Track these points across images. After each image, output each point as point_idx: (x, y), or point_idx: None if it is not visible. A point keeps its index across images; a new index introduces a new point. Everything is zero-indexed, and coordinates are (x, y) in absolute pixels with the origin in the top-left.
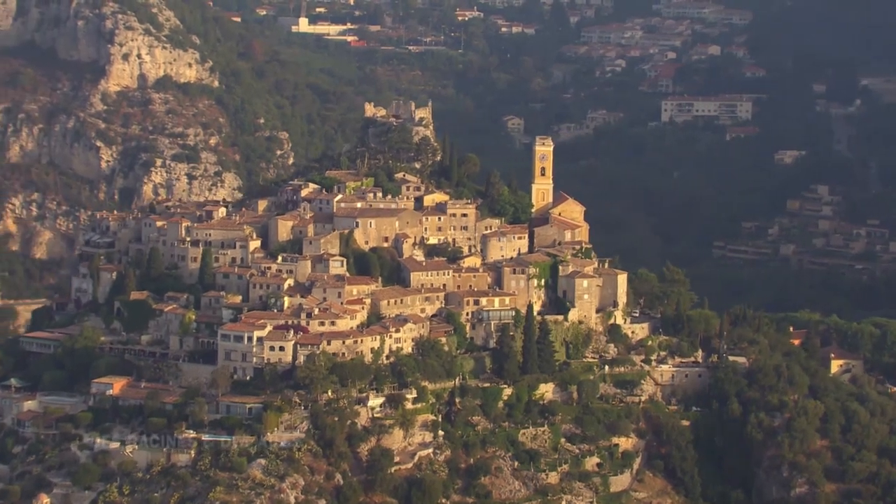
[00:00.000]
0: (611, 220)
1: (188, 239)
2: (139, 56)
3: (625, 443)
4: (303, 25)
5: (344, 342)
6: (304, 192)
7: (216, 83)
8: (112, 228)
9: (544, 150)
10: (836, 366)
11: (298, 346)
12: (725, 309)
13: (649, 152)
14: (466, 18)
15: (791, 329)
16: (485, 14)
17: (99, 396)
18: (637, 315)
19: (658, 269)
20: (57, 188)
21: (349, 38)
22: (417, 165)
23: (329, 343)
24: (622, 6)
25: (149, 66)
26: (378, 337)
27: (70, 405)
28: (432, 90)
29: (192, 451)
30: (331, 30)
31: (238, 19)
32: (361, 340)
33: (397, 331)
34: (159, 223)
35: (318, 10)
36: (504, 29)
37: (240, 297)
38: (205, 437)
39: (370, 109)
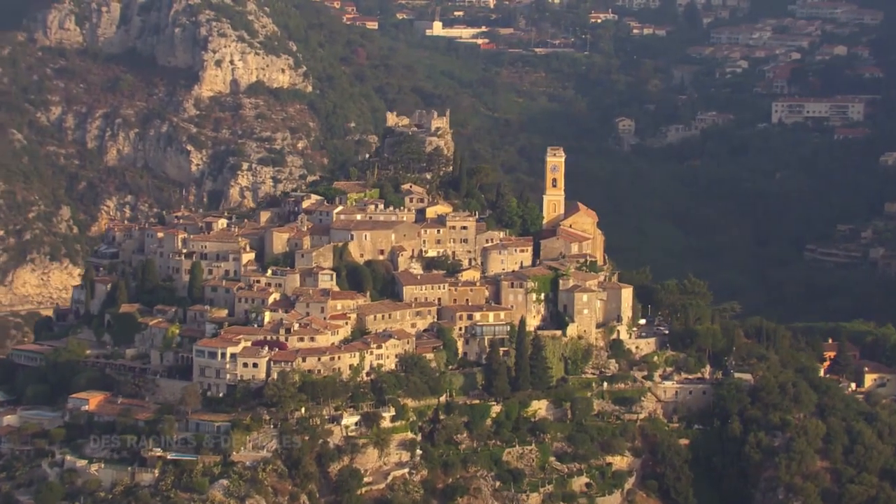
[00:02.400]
0: (702, 221)
1: (184, 251)
2: (232, 62)
3: (619, 462)
4: (436, 29)
5: (319, 359)
6: (305, 204)
7: (309, 88)
8: (118, 239)
9: (556, 161)
10: (869, 380)
11: (272, 362)
12: (807, 313)
13: (754, 154)
14: (600, 21)
15: (830, 341)
16: (619, 16)
17: (75, 412)
18: (651, 327)
19: (745, 272)
20: (149, 191)
21: (479, 41)
22: (428, 176)
23: (304, 360)
24: (757, 6)
25: (241, 72)
26: (357, 353)
27: (48, 420)
28: (553, 91)
29: (156, 471)
30: (463, 33)
31: (375, 25)
32: (339, 357)
33: (379, 347)
34: (160, 234)
35: (455, 13)
36: (636, 31)
37: (226, 311)
38: (170, 456)
39: (392, 119)
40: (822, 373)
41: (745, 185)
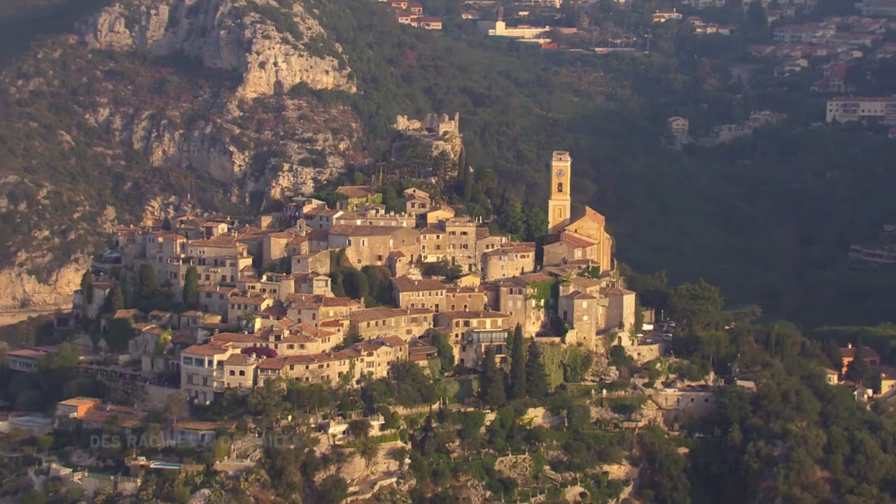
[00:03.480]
0: (747, 221)
1: (182, 256)
2: (275, 64)
3: (616, 470)
4: (499, 29)
5: (307, 366)
6: (306, 209)
7: (353, 89)
8: (121, 244)
9: (561, 165)
10: (886, 386)
11: (259, 370)
12: (843, 316)
13: (805, 153)
14: (663, 20)
15: (850, 347)
16: (684, 15)
17: (63, 419)
18: (659, 333)
19: (786, 273)
20: (192, 191)
21: (541, 41)
22: (433, 180)
23: (292, 367)
24: (824, 4)
25: (284, 74)
26: (347, 361)
27: (38, 427)
28: (610, 91)
29: (139, 480)
30: (526, 33)
31: (438, 25)
32: (328, 365)
33: (370, 354)
34: (160, 239)
35: (520, 13)
36: (699, 30)
37: (219, 318)
38: (153, 465)
39: (403, 122)
40: (836, 379)
41: (792, 185)
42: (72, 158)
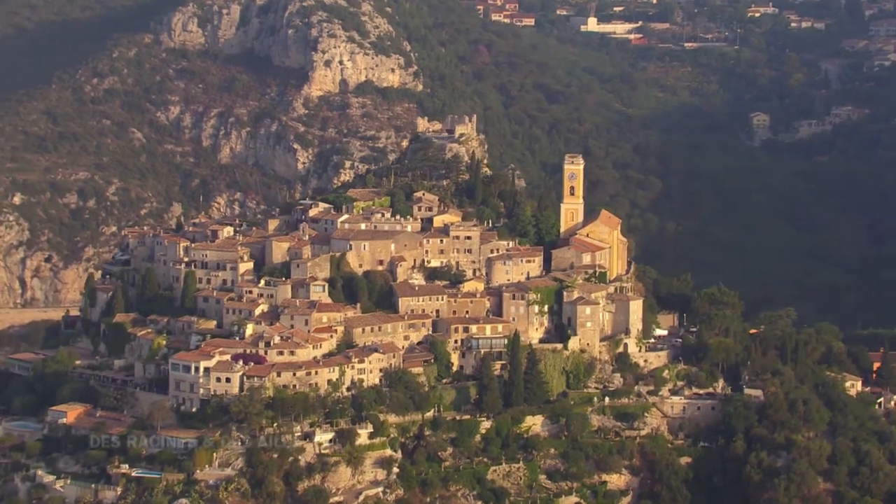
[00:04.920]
0: (816, 219)
1: (185, 259)
2: (341, 62)
3: (616, 480)
4: (591, 25)
5: (294, 374)
6: (311, 212)
7: (420, 87)
8: (131, 246)
9: (573, 168)
10: None
11: (245, 377)
12: None
13: (884, 150)
14: (758, 14)
15: (882, 351)
16: (780, 10)
17: (53, 425)
18: (670, 339)
19: (851, 271)
20: (257, 188)
21: (631, 37)
22: (445, 183)
23: (279, 374)
24: None
25: (350, 72)
26: (337, 368)
27: (30, 433)
28: (695, 86)
29: (119, 488)
30: (617, 28)
31: (531, 21)
32: (316, 372)
33: (361, 361)
34: (166, 242)
35: (615, 9)
36: (794, 24)
37: (214, 323)
38: (135, 473)
39: (423, 124)
40: (860, 385)
41: (867, 183)
42: (142, 155)
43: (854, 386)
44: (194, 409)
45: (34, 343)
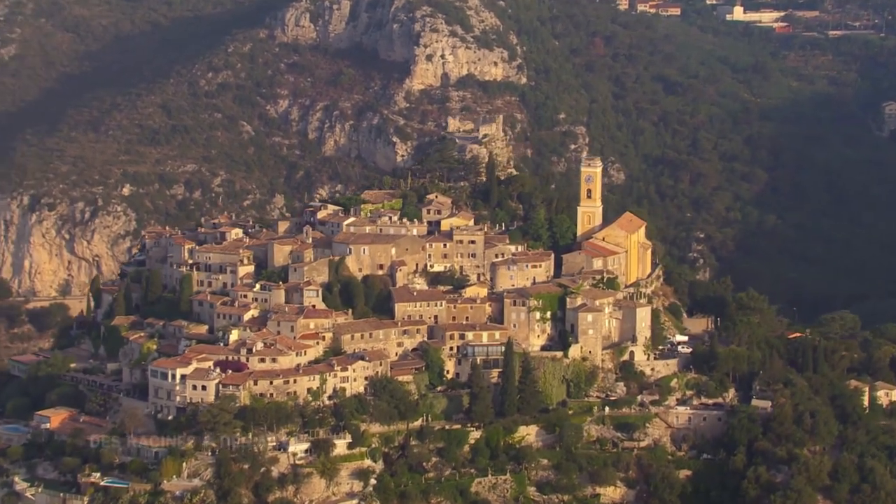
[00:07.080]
0: None
1: (189, 261)
2: (442, 56)
3: (611, 493)
4: (737, 14)
5: (272, 382)
6: (320, 215)
7: (523, 80)
8: (147, 247)
9: (591, 171)
10: None
11: (222, 385)
12: None
13: None
14: None
15: None
16: None
17: (36, 430)
18: (684, 346)
19: None
20: (357, 181)
21: (776, 25)
22: (462, 184)
23: (256, 383)
24: None
25: (451, 66)
26: (317, 376)
27: (18, 436)
28: (835, 75)
29: (86, 498)
30: (763, 17)
31: (677, 11)
32: (295, 380)
33: (344, 369)
34: (175, 243)
35: None
36: None
37: (206, 327)
38: (103, 483)
39: (454, 124)
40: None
41: None
42: (250, 148)
43: (890, 394)
44: (170, 417)
45: None
